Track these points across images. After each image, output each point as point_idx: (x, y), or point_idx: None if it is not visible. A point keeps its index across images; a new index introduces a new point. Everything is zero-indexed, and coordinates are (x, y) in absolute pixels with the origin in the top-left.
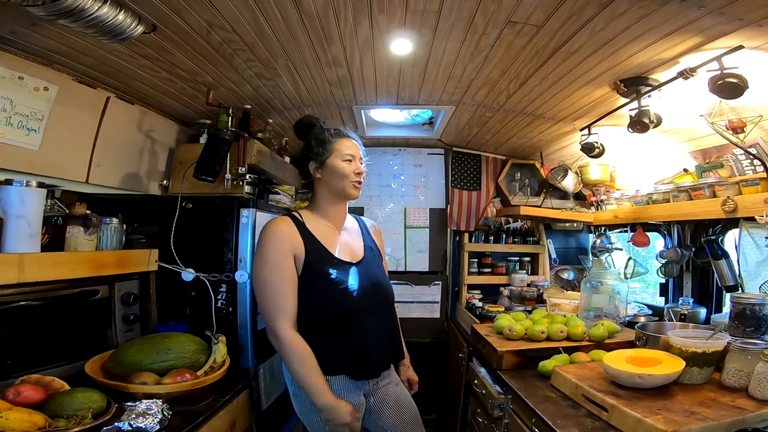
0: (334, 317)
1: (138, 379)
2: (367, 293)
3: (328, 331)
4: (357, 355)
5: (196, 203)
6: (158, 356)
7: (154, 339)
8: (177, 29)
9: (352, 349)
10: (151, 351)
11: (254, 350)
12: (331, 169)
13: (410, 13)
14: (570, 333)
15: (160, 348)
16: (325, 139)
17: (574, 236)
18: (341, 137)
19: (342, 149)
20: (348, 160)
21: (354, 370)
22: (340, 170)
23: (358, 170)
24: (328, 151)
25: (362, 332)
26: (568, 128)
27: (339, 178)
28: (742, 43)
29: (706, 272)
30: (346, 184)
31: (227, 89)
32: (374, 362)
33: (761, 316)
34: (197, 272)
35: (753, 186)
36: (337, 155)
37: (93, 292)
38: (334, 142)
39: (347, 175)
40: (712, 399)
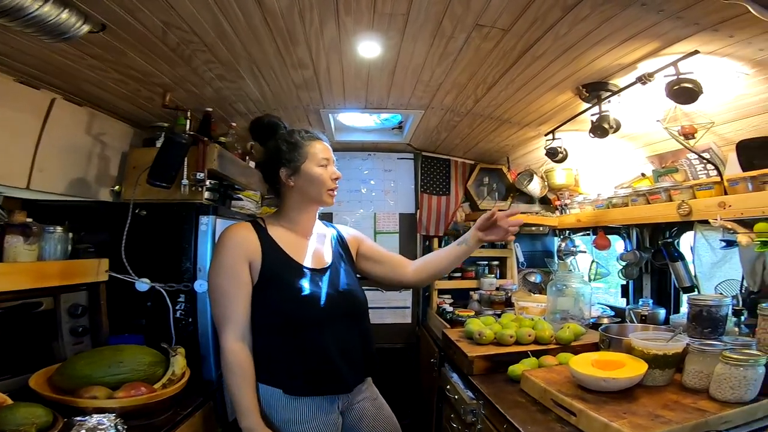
0: (297, 327)
1: (88, 393)
2: (334, 302)
3: (291, 342)
4: (324, 368)
5: (151, 210)
6: (110, 369)
7: (105, 352)
8: (129, 29)
9: (318, 361)
10: (101, 364)
11: (217, 361)
12: (307, 175)
13: (378, 15)
14: (538, 336)
15: (112, 361)
16: (297, 142)
17: (541, 240)
18: (314, 140)
19: (317, 153)
20: (324, 165)
21: (322, 386)
22: (317, 177)
23: (334, 175)
24: (303, 156)
25: (329, 343)
26: (533, 133)
27: (316, 185)
28: (698, 48)
29: (664, 274)
30: (323, 191)
31: (186, 91)
32: (344, 376)
33: (718, 318)
34: (153, 282)
35: (707, 190)
36: (312, 160)
37: (36, 304)
38: (307, 145)
39: (325, 182)
40: (675, 401)
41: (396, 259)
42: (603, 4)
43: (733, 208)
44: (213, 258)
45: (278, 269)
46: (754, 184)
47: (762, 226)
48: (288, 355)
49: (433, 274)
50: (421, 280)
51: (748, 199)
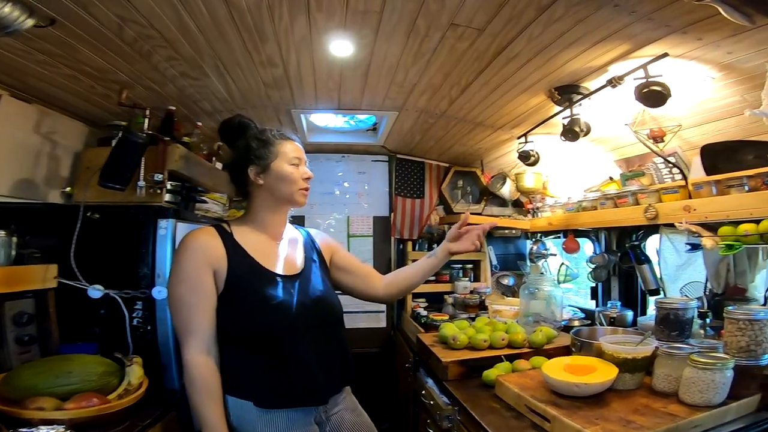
0: (268, 338)
1: (34, 404)
2: (307, 310)
3: (261, 354)
4: (298, 379)
5: (105, 213)
6: (58, 380)
7: (52, 362)
8: (82, 23)
9: (291, 373)
10: (48, 374)
11: (180, 369)
12: (277, 173)
13: (351, 12)
14: (511, 340)
15: (60, 371)
16: (268, 139)
17: (513, 242)
18: (285, 139)
19: (288, 152)
20: (295, 164)
21: (295, 398)
22: (287, 175)
23: (305, 175)
24: (273, 153)
25: (301, 353)
26: (506, 136)
27: (287, 183)
28: (668, 50)
29: (631, 276)
30: (294, 190)
31: (146, 89)
32: (318, 387)
33: (684, 320)
34: (107, 289)
35: (672, 194)
36: (283, 158)
37: None
38: (278, 143)
39: (296, 181)
40: (645, 405)
41: (369, 272)
42: (577, 5)
43: (697, 211)
44: (172, 265)
45: (245, 276)
46: (718, 188)
47: (726, 229)
48: (258, 367)
49: (403, 289)
50: (391, 294)
51: (712, 202)
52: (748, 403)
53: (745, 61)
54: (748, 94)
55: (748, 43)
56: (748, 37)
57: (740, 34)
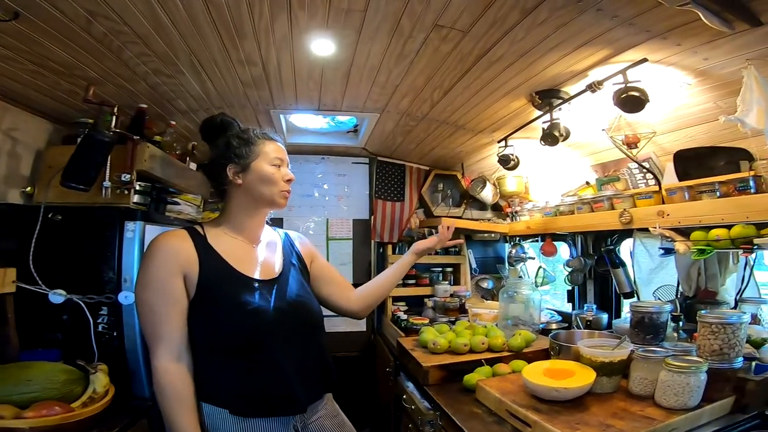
0: (243, 345)
1: None
2: (285, 315)
3: (237, 361)
4: (275, 388)
5: (68, 214)
6: (16, 388)
7: (11, 369)
8: (47, 17)
9: (268, 381)
10: (6, 382)
11: (149, 376)
12: (258, 173)
13: (334, 10)
14: (491, 344)
15: (18, 379)
16: (249, 138)
17: (492, 246)
18: (268, 139)
19: (270, 152)
20: (276, 165)
21: (273, 407)
22: (268, 175)
23: (287, 176)
24: (254, 153)
25: (279, 360)
26: (487, 140)
27: (267, 184)
28: (647, 56)
29: (606, 279)
30: (274, 191)
31: (116, 86)
32: (297, 395)
33: (659, 324)
34: (70, 293)
35: (646, 199)
36: (264, 158)
37: None
38: (260, 143)
39: (276, 182)
40: (623, 409)
41: (344, 283)
42: (561, 8)
43: (671, 216)
44: (140, 270)
45: (218, 281)
46: (690, 194)
47: (698, 234)
48: (233, 375)
49: (377, 298)
50: (363, 308)
51: (684, 208)
52: (722, 405)
53: (721, 67)
54: (721, 100)
55: (725, 50)
56: (725, 43)
57: (718, 40)
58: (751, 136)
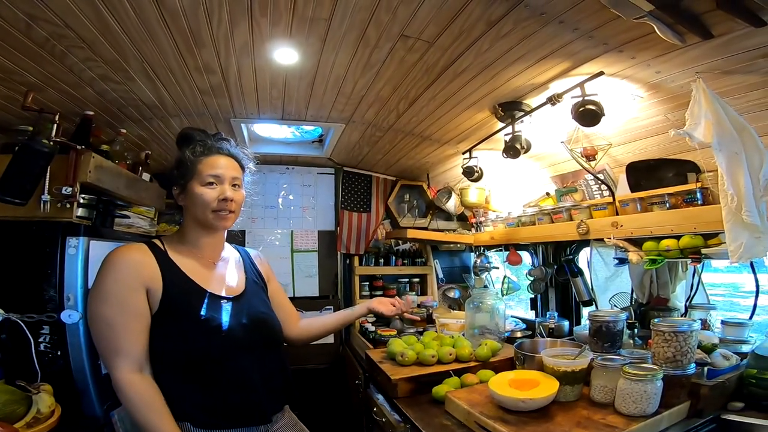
0: (205, 360)
1: None
2: (248, 331)
3: (200, 376)
4: (240, 400)
5: (4, 229)
6: None
7: None
8: None
9: (233, 393)
10: None
11: (100, 395)
12: (191, 194)
13: (297, 19)
14: (458, 354)
15: None
16: (185, 159)
17: (458, 255)
18: (209, 155)
19: (204, 170)
20: (209, 183)
21: (237, 418)
22: (197, 196)
23: (222, 195)
24: (190, 173)
25: (242, 375)
26: (452, 151)
27: (197, 206)
28: (604, 69)
29: (567, 287)
30: (206, 213)
31: (59, 91)
32: (261, 406)
33: (615, 332)
34: (7, 312)
35: (602, 210)
36: (197, 178)
37: None
38: (197, 161)
39: (207, 203)
40: (587, 417)
41: (292, 311)
42: (525, 20)
43: (624, 227)
44: (95, 284)
45: (181, 297)
46: (642, 205)
47: (650, 244)
48: (196, 389)
49: (315, 335)
50: (302, 339)
51: (637, 219)
52: (679, 410)
53: (671, 80)
54: (671, 113)
55: (676, 63)
56: (676, 56)
57: (669, 53)
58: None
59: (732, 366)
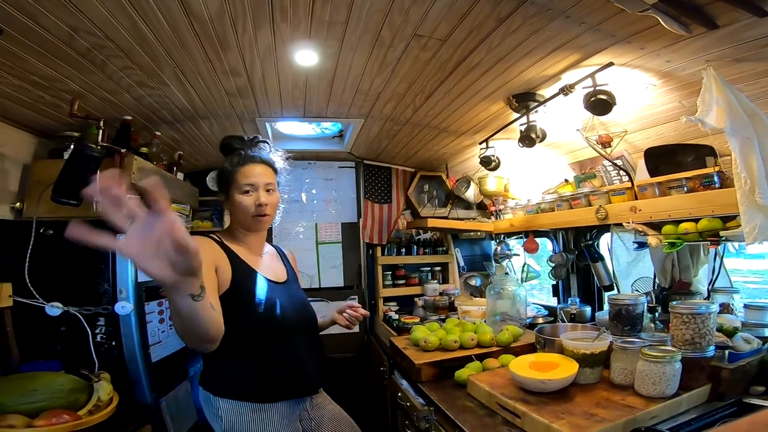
0: (264, 338)
1: (4, 421)
2: (296, 312)
3: (258, 352)
4: (293, 372)
5: (60, 229)
6: (23, 398)
7: (15, 380)
8: (30, 33)
9: (287, 367)
10: (12, 393)
11: (150, 383)
12: (232, 202)
13: (316, 23)
14: (480, 340)
15: (24, 389)
16: (225, 170)
17: (479, 244)
18: (244, 165)
19: (241, 180)
20: (246, 191)
21: (291, 389)
22: (237, 204)
23: (258, 201)
24: (230, 182)
25: (296, 350)
26: (469, 141)
27: (239, 212)
28: (613, 60)
29: (588, 273)
30: (247, 218)
31: (100, 98)
32: (311, 378)
33: (635, 315)
34: (66, 306)
35: (620, 195)
36: (236, 187)
37: None
38: (235, 172)
39: (246, 209)
40: (606, 398)
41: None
42: (533, 16)
43: (643, 212)
44: None
45: (246, 281)
46: (660, 190)
47: (668, 228)
48: (256, 365)
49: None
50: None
51: (655, 203)
52: (700, 393)
53: (682, 69)
54: (685, 100)
55: (685, 52)
56: (685, 46)
57: (678, 43)
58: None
59: (754, 350)
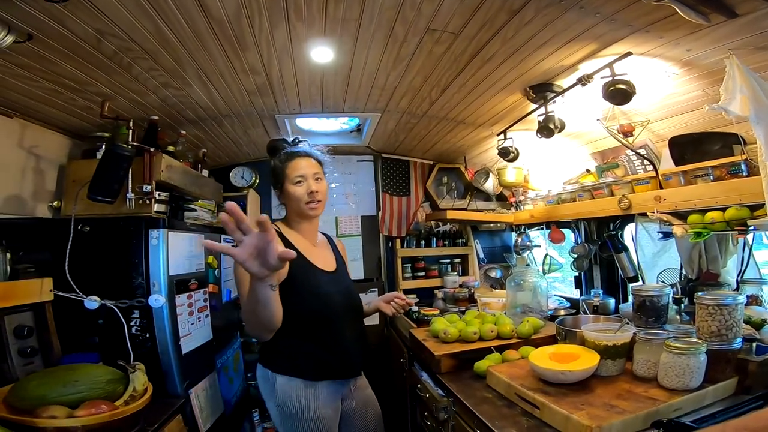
0: (318, 321)
1: (46, 412)
2: (344, 299)
3: (314, 333)
4: (342, 354)
5: (96, 225)
6: (65, 389)
7: (57, 372)
8: (59, 38)
9: (337, 348)
10: (55, 384)
11: (181, 374)
12: (287, 193)
13: (330, 21)
14: (500, 332)
15: (66, 380)
16: (276, 166)
17: (499, 235)
18: (291, 159)
19: (291, 173)
20: (298, 181)
21: (340, 368)
22: (291, 194)
23: (309, 189)
24: (282, 176)
25: (343, 334)
26: (486, 133)
27: (293, 202)
28: (631, 49)
29: (612, 264)
30: (301, 207)
31: (128, 100)
32: (354, 361)
33: (660, 307)
34: (103, 299)
35: (644, 184)
36: (288, 180)
37: None
38: (285, 167)
39: (299, 198)
40: (628, 390)
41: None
42: (546, 8)
43: (667, 201)
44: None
45: (300, 270)
46: (686, 178)
47: (694, 217)
48: (309, 348)
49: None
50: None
51: (680, 192)
52: (725, 386)
53: (704, 57)
54: (709, 88)
55: (706, 41)
56: (705, 35)
57: (698, 32)
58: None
59: None
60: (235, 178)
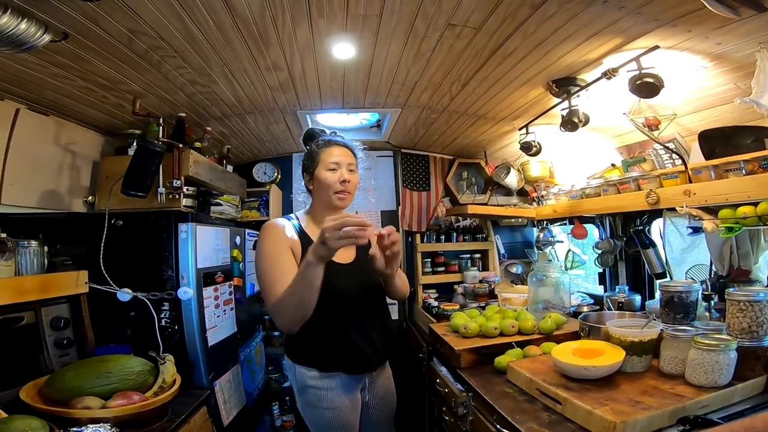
0: (329, 315)
1: (80, 403)
2: (358, 293)
3: (325, 329)
4: (350, 351)
5: (128, 219)
6: (99, 380)
7: (91, 363)
8: (93, 37)
9: (347, 345)
10: (89, 375)
11: (207, 366)
12: (317, 180)
13: (351, 17)
14: (521, 327)
15: (100, 372)
16: (312, 151)
17: (520, 231)
18: (328, 146)
19: (326, 158)
20: (332, 169)
21: (350, 366)
22: (323, 180)
23: (342, 178)
24: (315, 162)
25: (356, 331)
26: (508, 127)
27: (323, 188)
28: (658, 43)
29: (638, 260)
30: (330, 194)
31: (157, 97)
32: (369, 357)
33: (688, 303)
34: (135, 291)
35: (673, 179)
36: (322, 165)
37: (17, 319)
38: (320, 152)
39: (330, 186)
40: (654, 387)
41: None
42: (568, 2)
43: (697, 195)
44: (257, 246)
45: None
46: (717, 173)
47: (726, 212)
48: (322, 339)
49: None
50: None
51: (711, 186)
52: (755, 384)
53: (735, 50)
54: (740, 81)
55: (736, 34)
56: (735, 28)
57: (727, 26)
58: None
59: None
60: (258, 174)
